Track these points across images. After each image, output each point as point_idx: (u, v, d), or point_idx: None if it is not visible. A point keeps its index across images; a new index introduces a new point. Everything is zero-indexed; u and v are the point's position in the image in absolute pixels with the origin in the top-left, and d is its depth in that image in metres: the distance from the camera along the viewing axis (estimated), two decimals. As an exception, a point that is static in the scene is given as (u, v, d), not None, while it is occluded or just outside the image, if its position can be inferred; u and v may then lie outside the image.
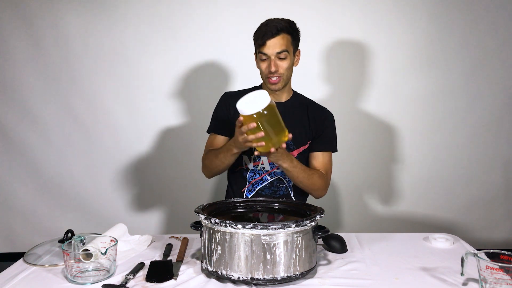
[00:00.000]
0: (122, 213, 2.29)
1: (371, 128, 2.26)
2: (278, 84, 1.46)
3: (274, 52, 1.41)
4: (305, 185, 1.46)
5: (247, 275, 1.00)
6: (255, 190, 1.54)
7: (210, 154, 1.50)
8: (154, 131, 2.26)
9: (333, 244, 1.26)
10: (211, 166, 1.50)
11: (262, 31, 1.42)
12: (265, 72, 1.46)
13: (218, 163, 1.45)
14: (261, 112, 1.14)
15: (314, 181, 1.46)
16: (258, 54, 1.46)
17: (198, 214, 1.08)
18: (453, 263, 1.16)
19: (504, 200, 2.32)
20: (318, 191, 1.51)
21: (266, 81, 1.48)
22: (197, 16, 2.18)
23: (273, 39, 1.41)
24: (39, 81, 2.20)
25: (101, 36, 2.18)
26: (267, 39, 1.41)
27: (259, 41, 1.42)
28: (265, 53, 1.42)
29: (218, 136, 1.56)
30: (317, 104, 1.60)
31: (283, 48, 1.42)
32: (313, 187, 1.48)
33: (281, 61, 1.44)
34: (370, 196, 2.32)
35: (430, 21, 2.19)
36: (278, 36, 1.41)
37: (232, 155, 1.38)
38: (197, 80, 2.23)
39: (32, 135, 2.24)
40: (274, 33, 1.40)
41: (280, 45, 1.41)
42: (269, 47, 1.41)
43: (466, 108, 2.25)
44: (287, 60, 1.45)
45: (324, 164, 1.53)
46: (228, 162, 1.43)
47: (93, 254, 1.06)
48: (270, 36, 1.40)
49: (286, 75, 1.47)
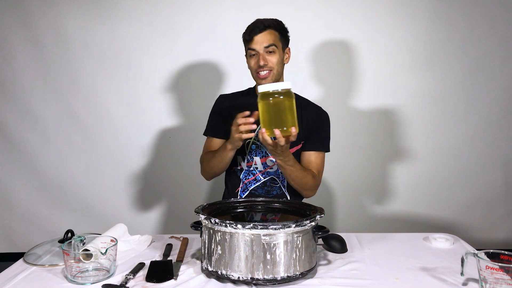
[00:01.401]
0: (122, 213, 2.29)
1: (371, 128, 2.26)
2: (268, 78, 1.46)
3: (262, 46, 1.43)
4: (298, 184, 1.46)
5: (247, 275, 1.00)
6: (249, 190, 1.54)
7: (207, 156, 1.53)
8: (154, 131, 2.26)
9: (333, 244, 1.26)
10: (209, 167, 1.52)
11: (249, 28, 1.45)
12: (254, 68, 1.46)
13: (215, 163, 1.47)
14: (278, 91, 1.16)
15: (307, 181, 1.46)
16: (247, 51, 1.47)
17: (198, 214, 1.08)
18: (453, 263, 1.16)
19: (504, 200, 2.32)
20: (309, 191, 1.51)
21: (255, 78, 1.49)
22: (198, 16, 2.19)
23: (261, 34, 1.43)
24: (39, 81, 2.20)
25: (101, 36, 2.18)
26: (254, 34, 1.43)
27: (247, 37, 1.44)
28: (253, 48, 1.44)
29: (215, 139, 1.58)
30: (312, 103, 1.60)
31: (271, 42, 1.44)
32: (305, 187, 1.48)
33: (269, 55, 1.44)
34: (369, 196, 2.32)
35: (430, 21, 2.19)
36: (265, 32, 1.43)
37: (227, 151, 1.40)
38: (197, 80, 2.23)
39: (32, 135, 2.24)
40: (261, 28, 1.43)
41: (267, 40, 1.43)
42: (257, 42, 1.43)
43: (466, 108, 2.25)
44: (276, 54, 1.45)
45: (317, 165, 1.53)
46: (225, 160, 1.44)
47: (93, 254, 1.06)
48: (258, 31, 1.43)
49: (276, 69, 1.46)
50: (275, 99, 1.17)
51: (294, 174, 1.41)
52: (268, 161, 1.53)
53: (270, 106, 1.18)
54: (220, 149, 1.44)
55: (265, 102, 1.18)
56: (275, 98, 1.16)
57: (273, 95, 1.16)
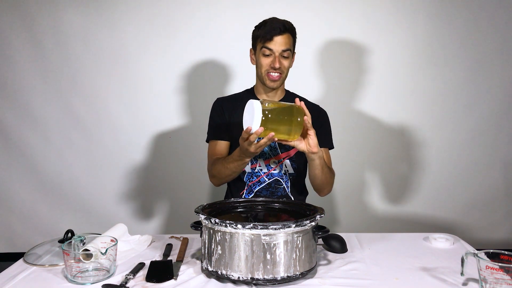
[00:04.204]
0: (122, 213, 2.29)
1: (371, 128, 2.26)
2: (278, 81, 1.47)
3: (280, 49, 1.42)
4: (326, 177, 1.43)
5: (247, 275, 1.00)
6: (253, 192, 1.54)
7: (217, 164, 1.46)
8: (154, 131, 2.26)
9: (333, 244, 1.26)
10: (221, 176, 1.46)
11: (270, 27, 1.42)
12: (266, 68, 1.45)
13: (229, 172, 1.42)
14: (265, 115, 1.13)
15: (332, 175, 1.48)
16: (262, 49, 1.44)
17: (198, 214, 1.08)
18: (453, 263, 1.16)
19: (504, 200, 2.32)
20: (330, 186, 1.50)
21: (265, 77, 1.47)
22: (198, 16, 2.19)
23: (280, 36, 1.41)
24: (39, 81, 2.20)
25: (101, 36, 2.18)
26: (275, 35, 1.41)
27: (267, 35, 1.41)
28: (271, 48, 1.42)
29: (220, 142, 1.55)
30: (310, 102, 1.60)
31: (288, 46, 1.43)
32: (330, 180, 1.48)
33: (284, 60, 1.44)
34: (369, 196, 2.32)
35: (430, 21, 2.19)
36: (284, 35, 1.42)
37: (245, 163, 1.37)
38: (198, 80, 2.23)
39: (32, 135, 2.23)
40: (282, 30, 1.41)
41: (285, 44, 1.43)
42: (276, 44, 1.42)
43: (466, 108, 2.25)
44: (289, 59, 1.46)
45: (327, 160, 1.53)
46: (240, 170, 1.42)
47: (93, 254, 1.06)
48: (278, 32, 1.41)
49: (285, 74, 1.48)
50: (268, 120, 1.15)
51: (325, 168, 1.39)
52: (271, 163, 1.53)
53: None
54: (233, 160, 1.36)
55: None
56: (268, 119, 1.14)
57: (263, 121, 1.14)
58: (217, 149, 1.54)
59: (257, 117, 1.12)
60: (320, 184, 1.46)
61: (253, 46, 1.51)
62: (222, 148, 1.54)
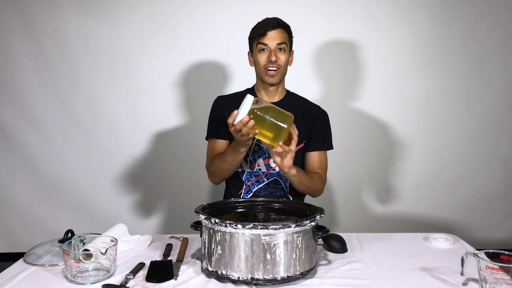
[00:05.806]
0: (122, 213, 2.29)
1: (371, 128, 2.26)
2: (276, 76, 1.47)
3: (274, 43, 1.43)
4: (308, 188, 1.46)
5: (247, 275, 1.00)
6: (252, 191, 1.54)
7: (215, 160, 1.47)
8: (154, 131, 2.26)
9: (333, 244, 1.26)
10: (219, 171, 1.47)
11: (262, 24, 1.45)
12: (263, 63, 1.46)
13: (227, 166, 1.42)
14: (253, 110, 1.17)
15: (315, 184, 1.47)
16: (257, 46, 1.45)
17: (198, 214, 1.08)
18: (453, 263, 1.16)
19: (504, 200, 2.32)
20: (318, 191, 1.52)
21: (263, 74, 1.48)
22: (198, 16, 2.18)
23: (274, 30, 1.43)
24: (39, 81, 2.20)
25: (100, 36, 2.18)
26: (268, 30, 1.43)
27: (260, 31, 1.43)
28: (266, 43, 1.43)
29: (219, 141, 1.55)
30: (311, 102, 1.60)
31: (283, 40, 1.45)
32: (315, 189, 1.49)
33: (280, 53, 1.45)
34: (370, 196, 2.32)
35: (430, 21, 2.19)
36: (278, 29, 1.44)
37: (240, 153, 1.36)
38: (198, 79, 2.23)
39: (32, 135, 2.23)
40: (275, 25, 1.44)
41: (280, 37, 1.44)
42: (270, 38, 1.43)
43: (466, 108, 2.25)
44: (285, 53, 1.47)
45: (321, 163, 1.53)
46: (237, 162, 1.42)
47: (93, 254, 1.06)
48: (271, 27, 1.43)
49: (283, 69, 1.48)
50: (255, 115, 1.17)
51: (304, 179, 1.40)
52: (271, 162, 1.53)
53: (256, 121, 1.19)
54: (230, 152, 1.38)
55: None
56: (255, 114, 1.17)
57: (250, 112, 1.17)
58: (216, 147, 1.55)
59: (246, 106, 1.16)
60: (305, 191, 1.50)
61: (250, 48, 1.53)
62: (221, 147, 1.54)
